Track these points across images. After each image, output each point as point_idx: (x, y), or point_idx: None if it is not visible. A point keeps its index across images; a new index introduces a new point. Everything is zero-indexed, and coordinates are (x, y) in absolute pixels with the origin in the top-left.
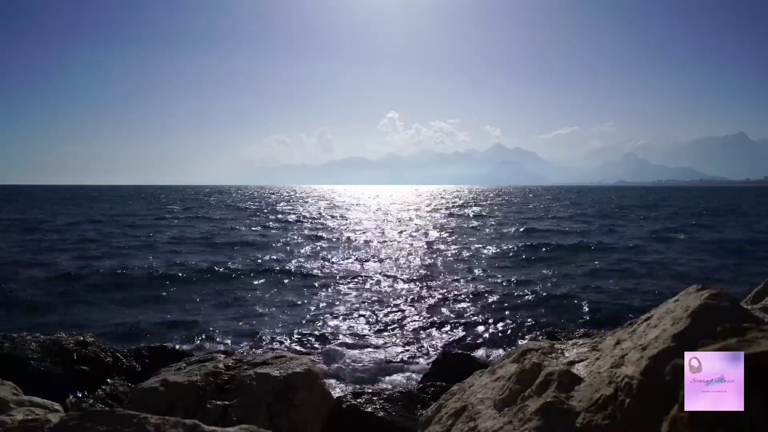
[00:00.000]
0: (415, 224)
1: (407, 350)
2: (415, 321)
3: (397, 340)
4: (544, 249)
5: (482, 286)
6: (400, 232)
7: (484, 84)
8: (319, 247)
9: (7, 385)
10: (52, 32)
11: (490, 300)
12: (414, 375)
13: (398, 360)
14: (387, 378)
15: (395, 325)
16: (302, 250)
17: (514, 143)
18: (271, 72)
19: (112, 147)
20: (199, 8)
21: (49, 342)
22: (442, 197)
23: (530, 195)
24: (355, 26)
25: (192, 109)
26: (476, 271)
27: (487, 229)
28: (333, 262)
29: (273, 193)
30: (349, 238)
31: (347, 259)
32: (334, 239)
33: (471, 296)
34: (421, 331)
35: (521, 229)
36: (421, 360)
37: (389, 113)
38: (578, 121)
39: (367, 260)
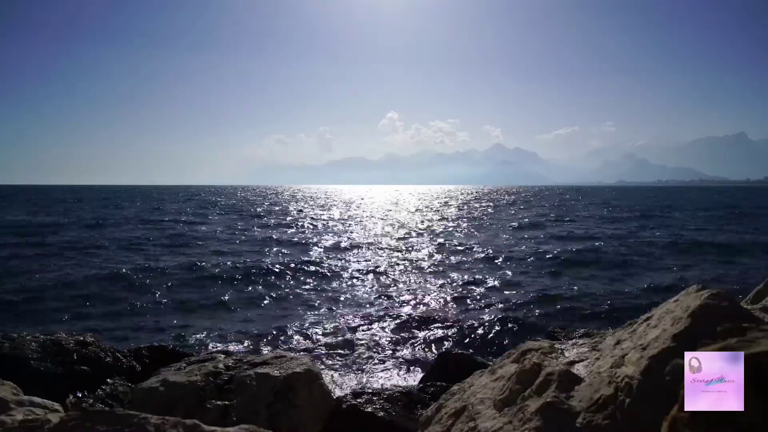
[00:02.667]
0: (417, 225)
1: (407, 350)
2: (415, 321)
3: (398, 340)
4: (544, 249)
5: (482, 287)
6: (402, 233)
7: (484, 84)
8: (319, 249)
9: (7, 385)
10: (52, 32)
11: (490, 300)
12: (414, 375)
13: (398, 360)
14: (387, 378)
15: (395, 325)
16: (302, 252)
17: (514, 143)
18: (271, 72)
19: (111, 147)
20: (200, 8)
21: (49, 342)
22: (447, 197)
23: (543, 195)
24: (355, 26)
25: (192, 109)
26: (477, 271)
27: (487, 229)
28: (334, 263)
29: (275, 193)
30: (350, 239)
31: (348, 259)
32: (334, 240)
33: (471, 296)
34: (421, 331)
35: (521, 229)
36: (421, 360)
37: (389, 113)
38: (578, 121)
39: (367, 261)
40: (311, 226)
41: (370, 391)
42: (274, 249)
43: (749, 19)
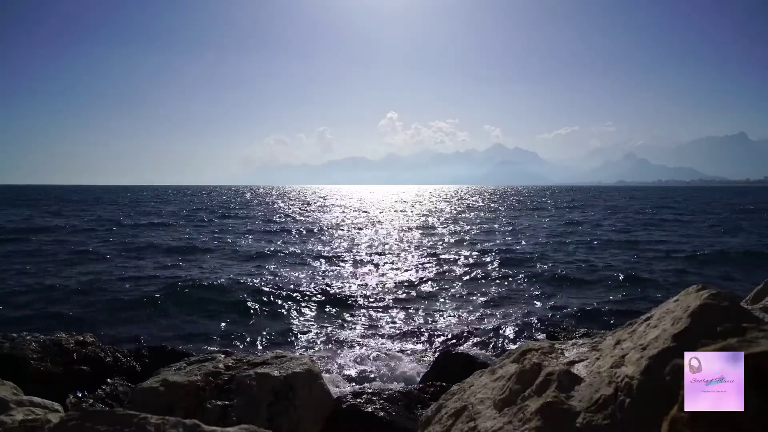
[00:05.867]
0: (417, 225)
1: (407, 350)
2: (415, 321)
3: (398, 340)
4: (543, 249)
5: (483, 287)
6: (404, 233)
7: (484, 84)
8: (319, 248)
9: (7, 385)
10: (53, 32)
11: (491, 300)
12: (414, 375)
13: (398, 360)
14: (387, 378)
15: (395, 326)
16: (302, 251)
17: (514, 143)
18: (271, 72)
19: (110, 147)
20: (200, 8)
21: (49, 342)
22: (454, 197)
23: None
24: (355, 26)
25: (192, 109)
26: (477, 271)
27: (486, 230)
28: (334, 264)
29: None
30: (349, 238)
31: (348, 260)
32: (334, 240)
33: (471, 296)
34: (421, 332)
35: (519, 230)
36: (421, 360)
37: (389, 113)
38: (578, 121)
39: (367, 261)
40: (310, 228)
41: (370, 391)
42: (274, 248)
43: (749, 19)
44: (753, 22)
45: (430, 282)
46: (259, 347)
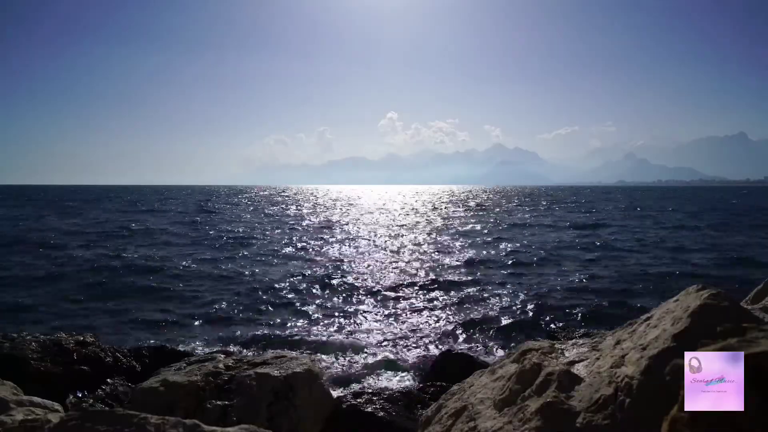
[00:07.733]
0: (416, 225)
1: (407, 350)
2: (415, 321)
3: (398, 341)
4: (543, 249)
5: (482, 287)
6: (402, 233)
7: (484, 84)
8: (319, 247)
9: (7, 385)
10: (53, 32)
11: (490, 300)
12: (414, 375)
13: (398, 360)
14: (387, 378)
15: (395, 326)
16: (302, 250)
17: (514, 143)
18: (271, 72)
19: (110, 147)
20: (200, 8)
21: (49, 342)
22: (466, 199)
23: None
24: (355, 26)
25: (192, 109)
26: (477, 271)
27: (485, 230)
28: (334, 263)
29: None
30: (350, 238)
31: (348, 259)
32: (334, 240)
33: (471, 296)
34: (421, 331)
35: (517, 230)
36: (421, 360)
37: (389, 113)
38: (578, 121)
39: (367, 261)
40: (310, 226)
41: (370, 391)
42: (272, 247)
43: (749, 19)
44: (753, 22)
45: (430, 283)
46: (259, 347)
